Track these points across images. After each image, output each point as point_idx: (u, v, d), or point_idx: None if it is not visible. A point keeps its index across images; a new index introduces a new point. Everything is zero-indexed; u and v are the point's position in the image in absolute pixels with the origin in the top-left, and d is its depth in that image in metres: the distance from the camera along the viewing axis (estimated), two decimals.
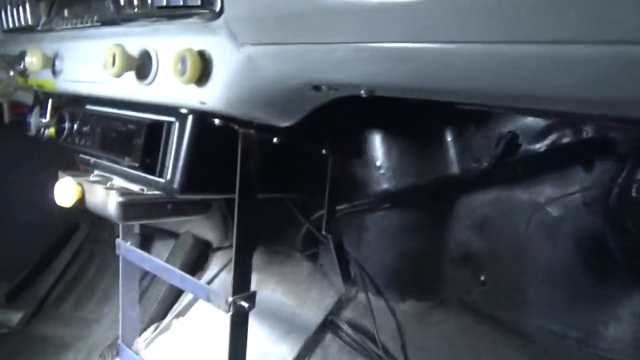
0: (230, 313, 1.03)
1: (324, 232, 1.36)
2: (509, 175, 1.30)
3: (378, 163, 1.33)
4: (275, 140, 1.09)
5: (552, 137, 1.11)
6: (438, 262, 1.45)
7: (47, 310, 2.23)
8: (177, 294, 1.89)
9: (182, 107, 0.91)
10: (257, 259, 1.73)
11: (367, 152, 1.34)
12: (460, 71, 0.56)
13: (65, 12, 1.12)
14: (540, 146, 1.14)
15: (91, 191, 1.03)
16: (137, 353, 1.44)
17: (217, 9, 0.70)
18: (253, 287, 1.62)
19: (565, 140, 1.09)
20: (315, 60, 0.68)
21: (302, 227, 1.54)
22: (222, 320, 1.50)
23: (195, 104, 0.85)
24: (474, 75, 0.55)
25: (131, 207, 0.99)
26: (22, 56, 1.38)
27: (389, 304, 1.45)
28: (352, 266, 1.50)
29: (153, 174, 0.95)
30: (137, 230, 1.41)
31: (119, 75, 0.88)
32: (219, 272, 1.78)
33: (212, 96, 0.81)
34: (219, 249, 1.97)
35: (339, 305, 1.46)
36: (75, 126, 1.11)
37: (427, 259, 1.45)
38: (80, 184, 1.04)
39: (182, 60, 0.79)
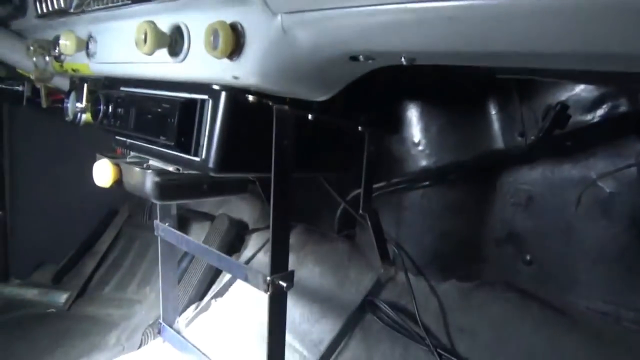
0: (269, 293, 1.01)
1: (360, 212, 1.32)
2: (557, 150, 1.23)
3: (416, 139, 1.28)
4: (310, 117, 1.06)
5: (605, 107, 1.04)
6: (481, 242, 1.40)
7: (90, 292, 2.30)
8: (215, 274, 1.91)
9: (215, 84, 0.88)
10: (294, 240, 1.72)
11: (404, 127, 1.29)
12: (511, 28, 0.51)
13: None
14: (592, 117, 1.06)
15: (128, 172, 1.03)
16: (178, 332, 1.46)
17: None
18: (291, 268, 1.62)
19: (621, 109, 1.01)
20: (353, 26, 0.64)
21: (338, 207, 1.51)
22: (261, 300, 1.51)
23: (228, 79, 0.82)
24: (528, 33, 0.51)
25: (167, 186, 0.98)
26: (56, 41, 1.39)
27: (430, 283, 1.41)
28: (390, 246, 1.47)
29: (188, 153, 0.94)
30: (174, 211, 1.42)
31: (151, 53, 0.86)
32: (256, 253, 1.78)
33: (245, 70, 0.78)
34: (255, 230, 1.97)
35: (378, 286, 1.44)
36: (110, 108, 1.11)
37: (469, 239, 1.40)
38: (117, 165, 1.04)
39: (214, 33, 0.76)
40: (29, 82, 1.86)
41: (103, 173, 1.02)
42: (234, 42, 0.76)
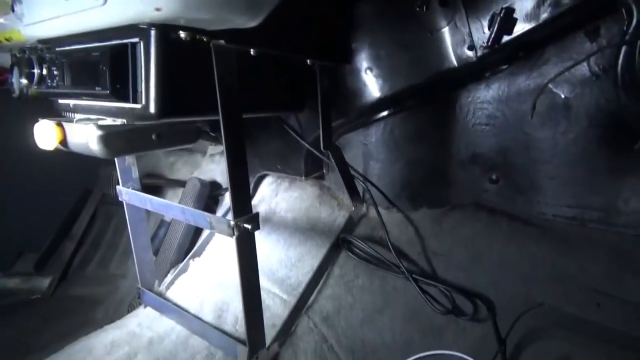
0: (235, 236, 1.00)
1: (322, 149, 1.30)
2: (510, 62, 1.22)
3: (368, 68, 1.25)
4: (252, 52, 1.02)
5: (548, 6, 1.01)
6: (447, 166, 1.40)
7: (73, 274, 2.28)
8: (193, 237, 1.90)
9: (141, 22, 0.84)
10: (264, 190, 1.71)
11: (354, 57, 1.26)
12: None
13: None
14: (538, 20, 1.04)
15: (71, 131, 0.99)
16: (159, 295, 1.46)
17: None
18: (263, 218, 1.61)
19: (564, 5, 0.99)
20: None
21: (301, 151, 1.49)
22: (229, 252, 1.51)
23: (152, 13, 0.78)
24: None
25: (113, 139, 0.95)
26: None
27: (402, 214, 1.42)
28: (359, 182, 1.46)
29: (127, 100, 0.90)
30: (135, 174, 1.39)
31: None
32: (228, 210, 1.77)
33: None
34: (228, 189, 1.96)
35: (350, 224, 1.43)
36: (44, 69, 1.06)
37: (435, 165, 1.40)
38: (60, 125, 1.00)
39: None
40: None
41: (45, 134, 0.98)
42: None
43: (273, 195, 1.65)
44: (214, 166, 2.16)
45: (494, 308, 1.16)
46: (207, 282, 1.47)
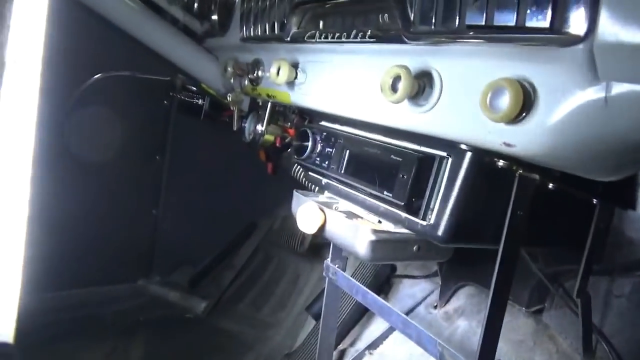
0: None
1: (575, 296, 1.12)
2: None
3: None
4: (551, 185, 0.90)
5: None
6: None
7: (225, 304, 2.30)
8: (356, 319, 1.79)
9: (466, 143, 0.76)
10: (463, 301, 1.55)
11: None
12: None
13: (321, 24, 1.05)
14: None
15: (335, 221, 0.94)
16: None
17: (582, 32, 0.53)
18: (460, 335, 1.45)
19: None
20: None
21: (530, 279, 1.31)
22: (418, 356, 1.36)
23: (495, 144, 0.69)
24: None
25: (381, 246, 0.88)
26: (256, 64, 1.37)
27: None
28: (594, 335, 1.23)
29: (414, 215, 0.82)
30: (345, 253, 1.33)
31: (399, 102, 0.76)
32: (415, 307, 1.63)
33: (526, 139, 0.65)
34: (407, 277, 1.83)
35: None
36: (319, 146, 1.04)
37: None
38: (322, 211, 0.96)
39: (495, 92, 0.63)
40: (208, 97, 1.90)
41: (311, 219, 0.94)
42: (521, 105, 0.62)
43: (475, 311, 1.48)
44: None
45: None
46: None
